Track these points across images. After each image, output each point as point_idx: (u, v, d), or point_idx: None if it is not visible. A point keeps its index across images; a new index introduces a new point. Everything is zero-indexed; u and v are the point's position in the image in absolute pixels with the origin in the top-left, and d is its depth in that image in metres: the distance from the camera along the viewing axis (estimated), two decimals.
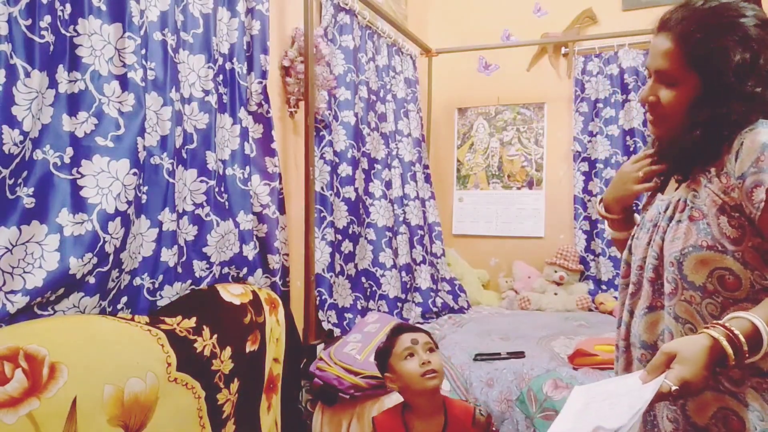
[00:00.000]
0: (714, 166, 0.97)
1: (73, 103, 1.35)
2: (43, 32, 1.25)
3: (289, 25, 2.21)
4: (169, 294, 1.61)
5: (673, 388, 0.81)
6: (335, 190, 2.43)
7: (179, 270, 1.64)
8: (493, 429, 1.49)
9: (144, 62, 1.48)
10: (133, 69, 1.44)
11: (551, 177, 3.44)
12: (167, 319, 1.50)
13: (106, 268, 1.38)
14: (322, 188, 2.32)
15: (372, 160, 2.70)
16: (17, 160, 1.22)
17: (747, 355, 0.82)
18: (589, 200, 3.27)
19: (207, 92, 1.73)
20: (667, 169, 1.10)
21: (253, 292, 1.82)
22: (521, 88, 3.45)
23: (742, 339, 0.82)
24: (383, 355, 1.48)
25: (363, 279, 2.58)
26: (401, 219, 2.91)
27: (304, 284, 2.12)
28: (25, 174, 1.25)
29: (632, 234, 1.15)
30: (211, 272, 1.76)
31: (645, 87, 1.04)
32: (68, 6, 1.32)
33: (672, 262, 0.97)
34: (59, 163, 1.31)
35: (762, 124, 0.93)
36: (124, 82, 1.43)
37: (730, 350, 0.81)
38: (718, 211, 0.94)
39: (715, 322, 0.86)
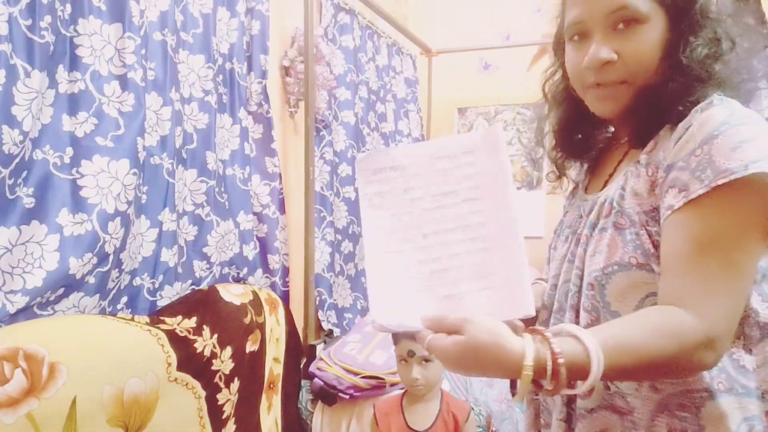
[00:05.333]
0: (645, 153, 0.76)
1: (73, 103, 1.34)
2: (43, 32, 1.24)
3: (289, 25, 2.21)
4: (169, 294, 1.61)
5: (424, 347, 0.66)
6: (335, 190, 2.43)
7: (179, 270, 1.64)
8: (493, 429, 1.51)
9: (144, 62, 1.48)
10: (133, 69, 1.44)
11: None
12: (167, 319, 1.50)
13: (106, 268, 1.38)
14: (322, 188, 2.32)
15: None
16: (17, 160, 1.21)
17: (555, 387, 0.62)
18: None
19: (207, 92, 1.72)
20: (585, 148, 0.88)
21: (254, 292, 1.82)
22: (521, 88, 3.44)
23: (562, 373, 0.60)
24: (393, 339, 1.55)
25: (363, 279, 2.58)
26: None
27: (304, 284, 2.12)
28: (25, 174, 1.25)
29: (550, 243, 0.95)
30: (211, 272, 1.76)
31: (594, 48, 0.75)
32: (68, 6, 1.31)
33: (591, 284, 0.75)
34: (59, 163, 1.31)
35: (719, 102, 0.70)
36: (124, 82, 1.43)
37: (528, 378, 0.61)
38: (645, 217, 0.72)
39: (542, 331, 0.64)
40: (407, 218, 0.74)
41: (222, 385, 1.61)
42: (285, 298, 2.07)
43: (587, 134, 0.91)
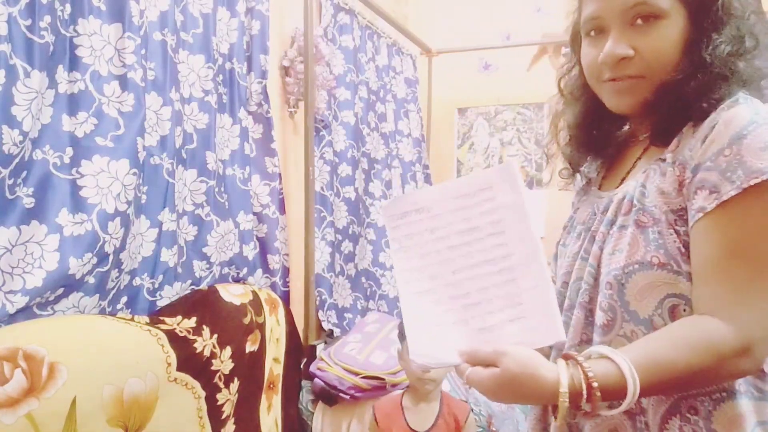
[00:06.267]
0: (670, 152, 0.74)
1: (73, 103, 1.34)
2: (43, 32, 1.24)
3: (289, 25, 2.21)
4: (169, 294, 1.61)
5: (464, 381, 0.68)
6: (335, 190, 2.43)
7: (179, 270, 1.64)
8: (493, 429, 1.52)
9: (144, 62, 1.48)
10: (133, 69, 1.44)
11: (551, 177, 3.44)
12: (167, 319, 1.50)
13: (105, 268, 1.38)
14: (322, 188, 2.32)
15: (372, 160, 2.70)
16: (17, 160, 1.21)
17: (592, 409, 0.63)
18: None
19: (207, 92, 1.72)
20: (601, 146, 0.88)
21: (253, 292, 1.82)
22: (521, 88, 3.44)
23: (597, 396, 0.62)
24: (401, 333, 1.56)
25: (363, 279, 2.58)
26: None
27: (304, 284, 2.12)
28: (24, 174, 1.25)
29: (558, 240, 0.93)
30: (211, 272, 1.76)
31: (610, 43, 0.74)
32: (68, 6, 1.31)
33: (610, 283, 0.74)
34: (59, 163, 1.31)
35: (744, 100, 0.70)
36: (124, 82, 1.43)
37: (565, 405, 0.62)
38: (673, 216, 0.71)
39: (575, 356, 0.65)
40: (436, 257, 0.77)
41: (222, 385, 1.60)
42: (285, 298, 2.07)
43: (605, 131, 0.89)
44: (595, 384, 0.62)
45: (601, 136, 0.90)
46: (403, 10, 3.32)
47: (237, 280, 1.87)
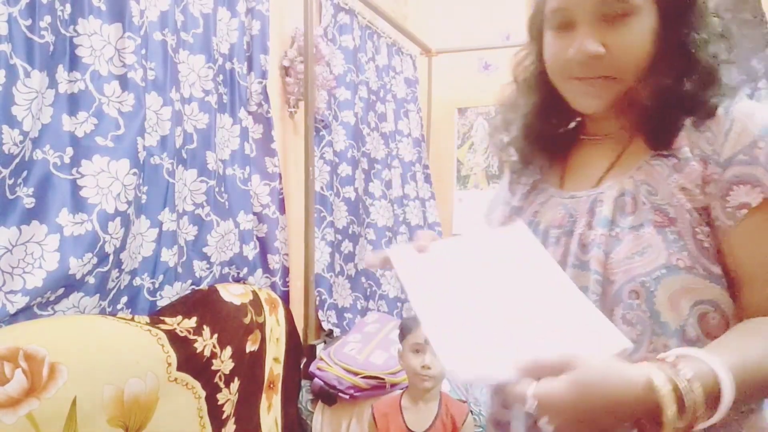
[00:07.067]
0: (685, 146, 0.68)
1: (73, 103, 1.34)
2: (43, 32, 1.24)
3: (289, 25, 2.21)
4: (169, 294, 1.61)
5: (529, 402, 0.53)
6: (335, 190, 2.43)
7: (179, 270, 1.64)
8: None
9: (144, 62, 1.48)
10: (133, 69, 1.44)
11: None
12: (167, 319, 1.50)
13: (106, 268, 1.38)
14: (322, 188, 2.32)
15: (372, 160, 2.70)
16: (17, 160, 1.21)
17: (692, 419, 0.52)
18: None
19: (207, 92, 1.72)
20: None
21: (253, 292, 1.82)
22: None
23: (700, 399, 0.51)
24: (402, 333, 1.56)
25: (363, 279, 2.58)
26: (401, 219, 2.91)
27: (304, 284, 2.12)
28: (25, 174, 1.25)
29: None
30: (211, 272, 1.76)
31: (581, 40, 0.69)
32: (68, 6, 1.31)
33: (636, 291, 0.65)
34: (59, 163, 1.31)
35: (745, 96, 0.68)
36: (124, 82, 1.43)
37: (670, 411, 0.50)
38: (696, 215, 0.65)
39: (660, 357, 0.55)
40: (458, 289, 0.68)
41: (222, 385, 1.61)
42: (285, 298, 2.07)
43: (560, 125, 0.83)
44: (697, 385, 0.51)
45: (549, 131, 0.83)
46: (402, 10, 3.32)
47: (237, 280, 1.87)
